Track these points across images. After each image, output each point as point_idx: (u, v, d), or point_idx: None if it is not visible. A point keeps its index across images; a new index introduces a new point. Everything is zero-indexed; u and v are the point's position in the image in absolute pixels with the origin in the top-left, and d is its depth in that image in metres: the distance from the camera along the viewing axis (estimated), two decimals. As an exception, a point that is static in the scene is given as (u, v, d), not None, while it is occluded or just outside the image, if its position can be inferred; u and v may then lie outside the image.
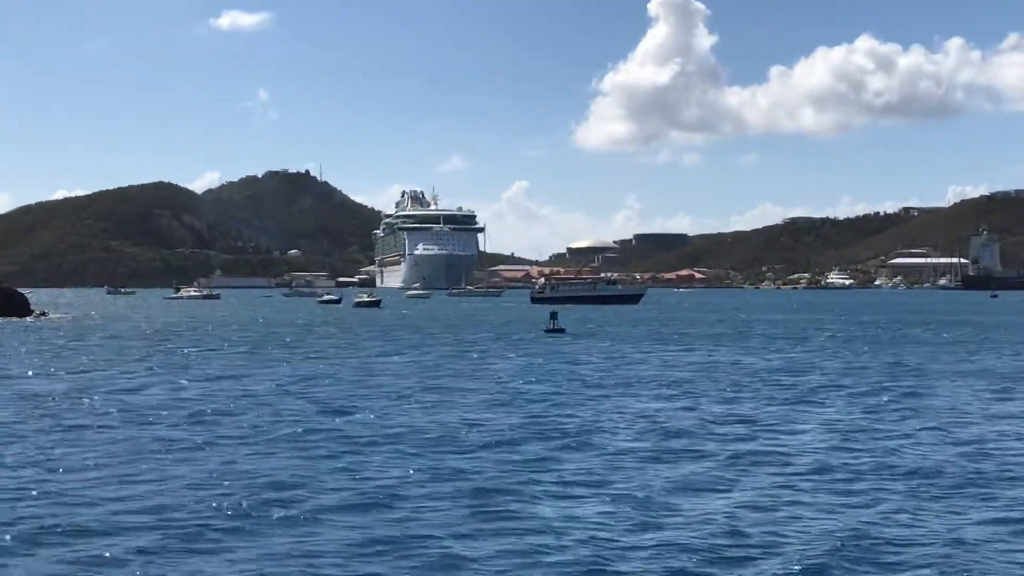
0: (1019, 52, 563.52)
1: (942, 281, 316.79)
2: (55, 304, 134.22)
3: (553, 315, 76.25)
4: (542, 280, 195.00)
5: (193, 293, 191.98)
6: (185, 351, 53.97)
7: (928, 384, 36.29)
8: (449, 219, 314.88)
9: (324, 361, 47.13)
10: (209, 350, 55.28)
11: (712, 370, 42.37)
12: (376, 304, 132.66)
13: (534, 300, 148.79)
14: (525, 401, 31.20)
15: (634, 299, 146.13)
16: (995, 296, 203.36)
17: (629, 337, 68.79)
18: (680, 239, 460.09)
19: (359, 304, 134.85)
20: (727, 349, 56.54)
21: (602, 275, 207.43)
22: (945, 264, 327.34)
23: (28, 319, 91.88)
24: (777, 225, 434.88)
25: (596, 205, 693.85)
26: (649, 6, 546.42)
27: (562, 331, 71.84)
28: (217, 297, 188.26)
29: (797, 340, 65.52)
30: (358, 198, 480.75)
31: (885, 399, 31.33)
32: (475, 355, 51.65)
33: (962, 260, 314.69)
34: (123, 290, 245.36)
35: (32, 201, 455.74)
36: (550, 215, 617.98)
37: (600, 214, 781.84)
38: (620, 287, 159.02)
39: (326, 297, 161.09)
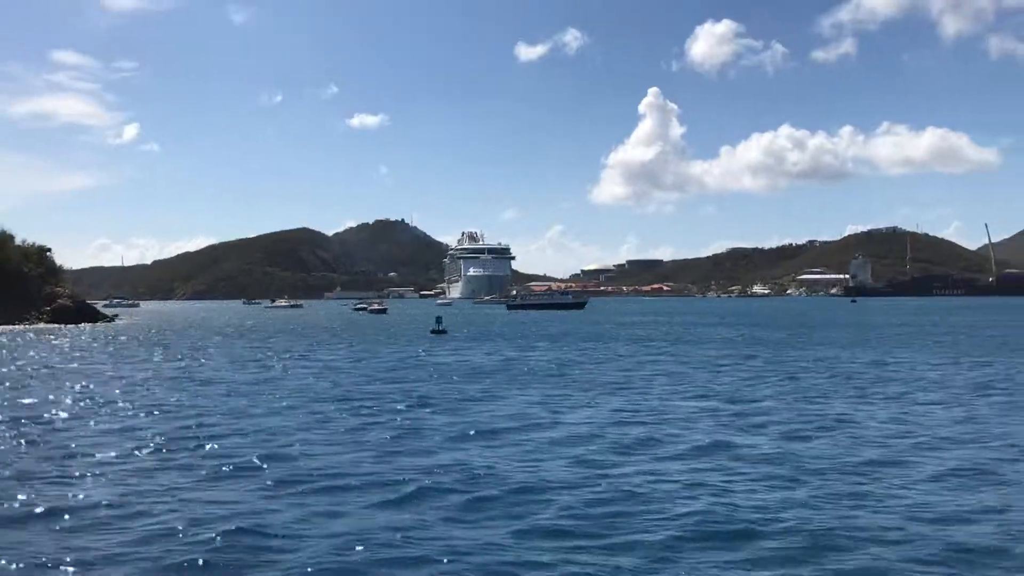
0: (890, 135, 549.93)
1: (833, 291, 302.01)
2: (147, 311, 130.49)
3: (438, 319, 67.26)
4: (514, 292, 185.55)
5: (283, 304, 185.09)
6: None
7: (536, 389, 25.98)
8: (491, 251, 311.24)
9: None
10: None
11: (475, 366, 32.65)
12: (384, 311, 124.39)
13: (509, 307, 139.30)
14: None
15: (580, 306, 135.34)
16: (854, 302, 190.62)
17: (486, 338, 59.08)
18: (658, 263, 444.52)
19: (372, 311, 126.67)
20: (543, 347, 46.00)
21: (558, 289, 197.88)
22: (835, 279, 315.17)
23: (99, 324, 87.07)
24: (723, 253, 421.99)
25: (606, 241, 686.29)
26: (639, 107, 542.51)
27: (445, 332, 61.59)
28: (300, 306, 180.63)
29: (593, 340, 54.70)
30: (440, 237, 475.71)
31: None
32: (307, 350, 42.59)
33: (847, 276, 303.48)
34: (254, 302, 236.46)
35: (223, 240, 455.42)
36: (577, 248, 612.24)
37: (609, 247, 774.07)
38: (571, 296, 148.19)
39: (358, 306, 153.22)
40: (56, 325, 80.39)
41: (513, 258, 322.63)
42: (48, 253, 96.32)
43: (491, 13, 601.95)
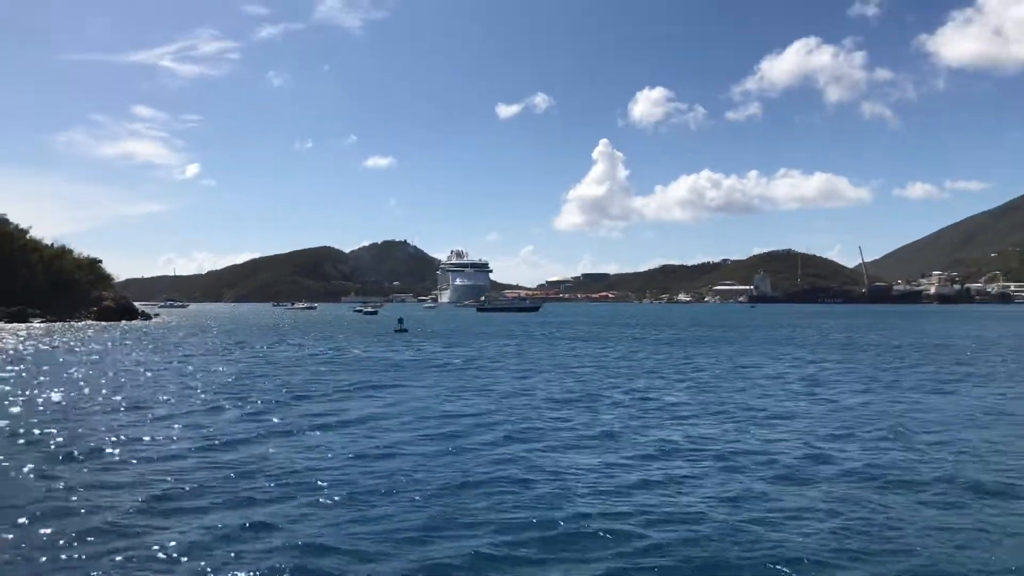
0: (786, 178, 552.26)
1: (740, 299, 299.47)
2: (191, 311, 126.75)
3: (400, 320, 64.66)
4: (482, 298, 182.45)
5: (301, 306, 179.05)
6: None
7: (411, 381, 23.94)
8: (474, 265, 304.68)
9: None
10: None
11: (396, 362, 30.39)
12: (375, 313, 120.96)
13: (479, 310, 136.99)
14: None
15: (535, 309, 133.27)
16: (753, 307, 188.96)
17: (437, 335, 56.64)
18: (606, 276, 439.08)
19: (365, 313, 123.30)
20: (467, 343, 43.39)
21: (526, 296, 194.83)
22: (742, 289, 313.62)
23: (136, 321, 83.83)
24: (656, 268, 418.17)
25: (567, 259, 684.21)
26: (593, 154, 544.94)
27: (406, 331, 58.47)
28: (315, 308, 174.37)
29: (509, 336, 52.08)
30: (434, 254, 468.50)
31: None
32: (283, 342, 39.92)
33: (751, 287, 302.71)
34: (281, 304, 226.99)
35: (263, 255, 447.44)
36: (544, 264, 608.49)
37: (569, 264, 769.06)
38: (528, 301, 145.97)
39: (355, 308, 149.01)
40: (100, 322, 77.28)
41: (491, 271, 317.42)
42: (99, 264, 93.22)
43: (478, 80, 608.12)
